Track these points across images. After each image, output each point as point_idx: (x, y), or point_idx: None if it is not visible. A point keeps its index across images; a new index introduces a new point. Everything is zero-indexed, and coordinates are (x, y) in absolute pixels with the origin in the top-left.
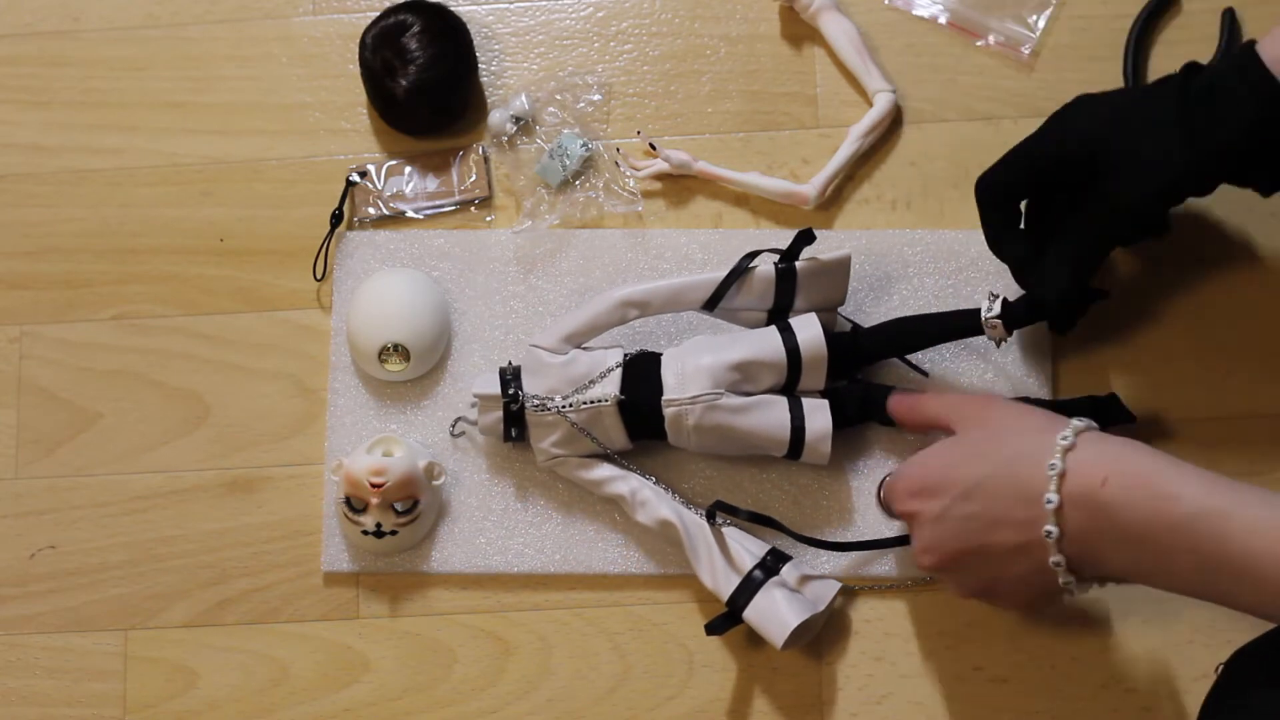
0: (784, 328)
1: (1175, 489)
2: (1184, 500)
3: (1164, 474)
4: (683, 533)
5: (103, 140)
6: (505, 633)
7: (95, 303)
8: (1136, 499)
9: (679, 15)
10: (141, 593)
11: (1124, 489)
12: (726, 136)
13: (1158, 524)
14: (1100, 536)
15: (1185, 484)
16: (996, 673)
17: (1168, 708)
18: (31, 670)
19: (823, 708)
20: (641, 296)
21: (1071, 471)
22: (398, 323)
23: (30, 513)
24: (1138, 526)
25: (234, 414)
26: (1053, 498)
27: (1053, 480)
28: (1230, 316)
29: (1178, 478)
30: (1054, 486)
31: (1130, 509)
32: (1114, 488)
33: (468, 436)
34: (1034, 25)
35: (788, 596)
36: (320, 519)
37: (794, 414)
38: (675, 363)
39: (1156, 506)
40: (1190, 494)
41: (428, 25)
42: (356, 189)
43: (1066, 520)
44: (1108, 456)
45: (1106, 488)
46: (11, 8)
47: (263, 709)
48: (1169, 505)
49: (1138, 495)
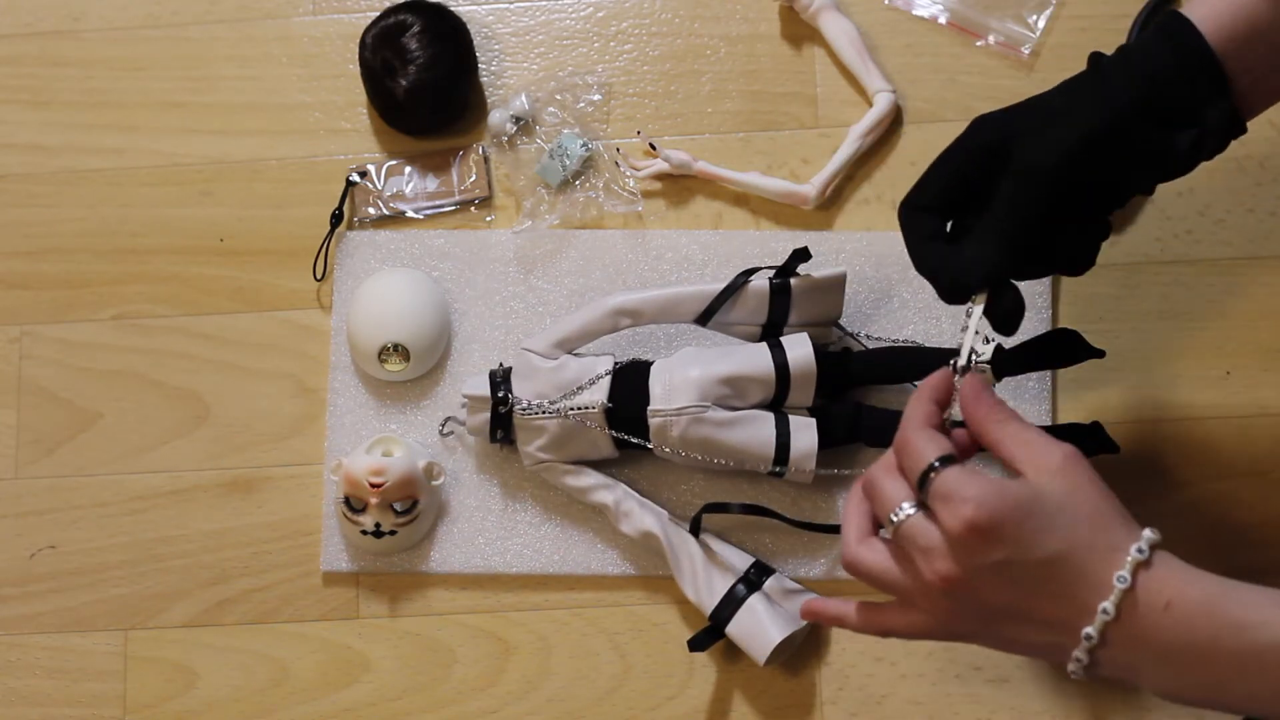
0: (775, 344)
1: (1242, 616)
2: (1250, 629)
3: (1230, 601)
4: (665, 545)
5: (103, 140)
6: (505, 633)
7: (95, 303)
8: (1197, 624)
9: (679, 15)
10: (141, 593)
11: (1185, 613)
12: (726, 136)
13: (1218, 652)
14: (1144, 654)
15: (1253, 611)
16: (996, 673)
17: (1168, 708)
18: (31, 670)
19: (823, 708)
20: (635, 306)
21: (1139, 589)
22: (398, 323)
23: (30, 513)
24: (1193, 652)
25: (234, 414)
26: (1110, 609)
27: (1116, 593)
28: (1231, 316)
29: (1245, 605)
30: (1114, 600)
31: (1189, 634)
32: (1175, 612)
33: (457, 436)
34: (1034, 25)
35: (771, 612)
36: (320, 519)
37: (780, 431)
38: (664, 373)
39: (1218, 635)
40: (1258, 621)
41: (428, 25)
42: (356, 189)
43: (1111, 633)
44: (1176, 580)
45: (1168, 612)
46: (11, 8)
47: (263, 709)
48: (1232, 635)
49: (1199, 621)
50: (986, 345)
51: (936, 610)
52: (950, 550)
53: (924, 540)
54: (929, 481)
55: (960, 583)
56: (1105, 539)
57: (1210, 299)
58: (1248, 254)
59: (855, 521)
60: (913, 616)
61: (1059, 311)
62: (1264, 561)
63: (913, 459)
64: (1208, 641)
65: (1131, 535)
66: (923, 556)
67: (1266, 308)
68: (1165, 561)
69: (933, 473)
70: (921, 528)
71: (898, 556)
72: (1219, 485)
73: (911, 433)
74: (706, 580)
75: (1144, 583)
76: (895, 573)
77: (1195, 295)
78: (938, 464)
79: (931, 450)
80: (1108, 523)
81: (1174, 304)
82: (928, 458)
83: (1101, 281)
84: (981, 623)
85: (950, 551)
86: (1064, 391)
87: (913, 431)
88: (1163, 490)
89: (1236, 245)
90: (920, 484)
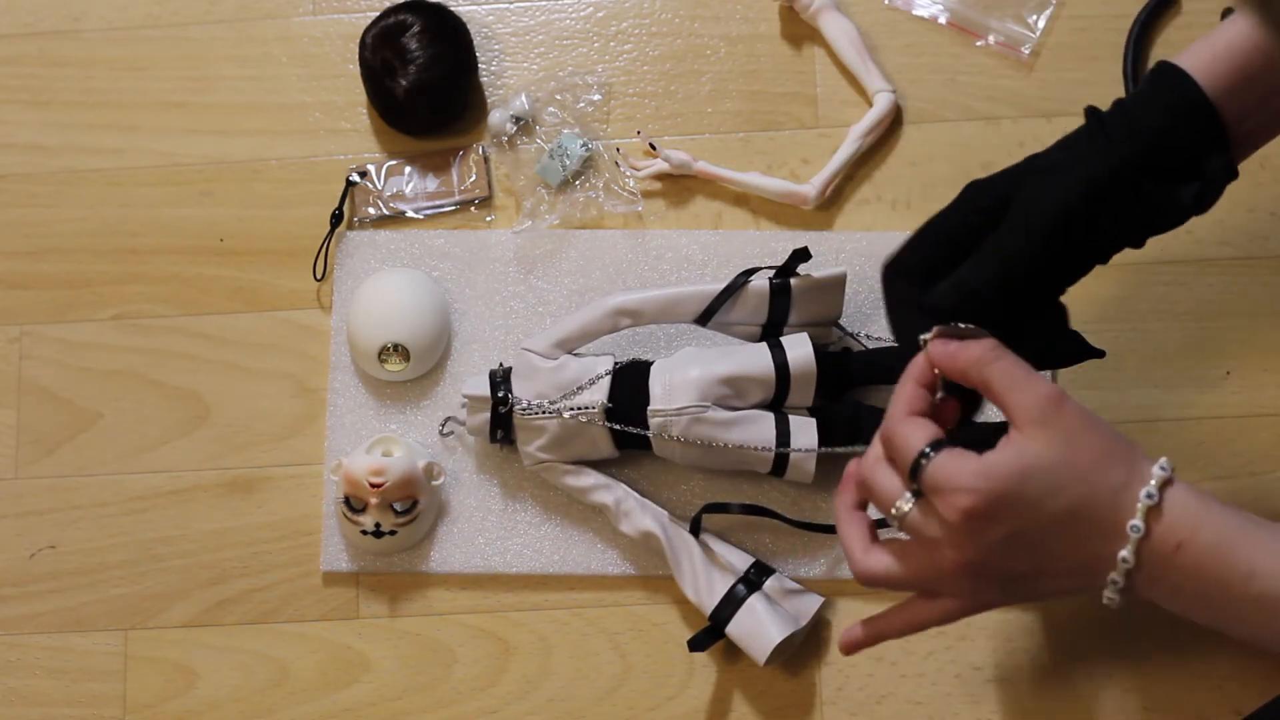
0: (775, 344)
1: (1248, 564)
2: (1257, 578)
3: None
4: (665, 545)
5: (103, 140)
6: (505, 633)
7: (95, 303)
8: (1207, 568)
9: (679, 15)
10: (141, 593)
11: (1195, 557)
12: (726, 136)
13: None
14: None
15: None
16: (996, 673)
17: (1168, 708)
18: (31, 670)
19: (823, 708)
20: (635, 306)
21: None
22: (398, 323)
23: (30, 513)
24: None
25: (234, 414)
26: (1129, 558)
27: (1132, 542)
28: (1231, 316)
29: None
30: (1132, 549)
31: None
32: (1185, 554)
33: (457, 436)
34: (1034, 25)
35: (770, 612)
36: (320, 519)
37: (780, 431)
38: (664, 373)
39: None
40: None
41: (428, 25)
42: (356, 189)
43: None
44: (1187, 521)
45: (1179, 553)
46: (11, 8)
47: (263, 709)
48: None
49: (1209, 565)
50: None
51: (961, 592)
52: (956, 538)
53: (930, 530)
54: (921, 470)
55: (975, 564)
56: (1108, 480)
57: (1210, 299)
58: (1248, 254)
59: (855, 531)
60: (942, 604)
61: None
62: None
63: (901, 451)
64: (1216, 586)
65: (1138, 469)
66: (934, 546)
67: (1266, 308)
68: (1175, 499)
69: (924, 460)
70: (923, 520)
71: (908, 553)
72: (1219, 485)
73: (896, 424)
74: (706, 580)
75: (1156, 527)
76: (911, 570)
77: (1195, 295)
78: (929, 451)
79: (918, 438)
80: (1109, 463)
81: (1174, 304)
82: (915, 447)
83: (1101, 281)
84: (1006, 590)
85: (956, 539)
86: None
87: (897, 423)
88: None
89: (1236, 245)
90: (912, 474)
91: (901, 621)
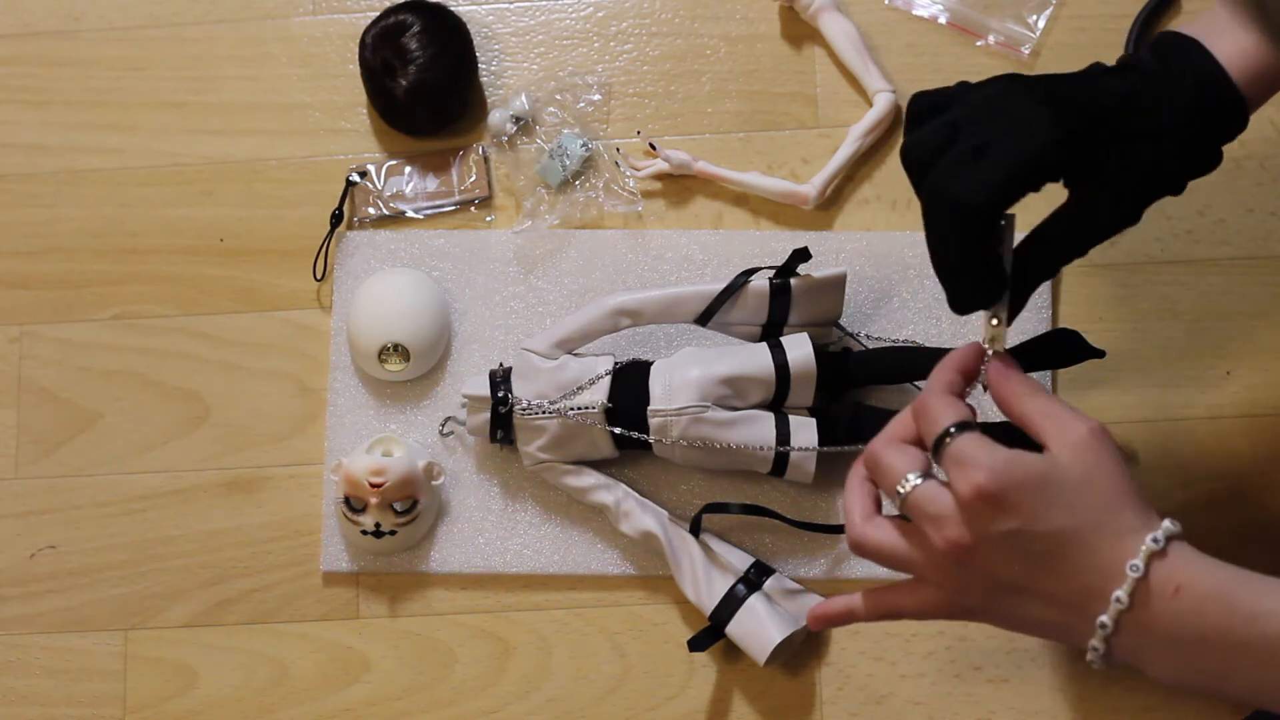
0: (775, 344)
1: (1254, 606)
2: (1262, 619)
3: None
4: (665, 545)
5: (103, 140)
6: (505, 633)
7: (95, 303)
8: (1208, 612)
9: (679, 15)
10: (141, 593)
11: (1196, 601)
12: (726, 136)
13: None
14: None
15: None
16: (996, 673)
17: (1168, 708)
18: (31, 670)
19: (823, 707)
20: (635, 306)
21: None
22: (398, 323)
23: (30, 513)
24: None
25: (234, 414)
26: (1123, 598)
27: (1129, 581)
28: (1231, 316)
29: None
30: (1127, 589)
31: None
32: (1185, 598)
33: (457, 436)
34: (1034, 25)
35: (771, 612)
36: (320, 519)
37: (780, 431)
38: (664, 374)
39: (1229, 624)
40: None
41: (428, 25)
42: (356, 189)
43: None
44: (1187, 568)
45: (1176, 597)
46: (11, 8)
47: (263, 709)
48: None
49: (1210, 609)
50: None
51: (946, 583)
52: (960, 516)
53: (934, 507)
54: (944, 445)
55: (970, 550)
56: (1118, 521)
57: (1210, 299)
58: (1248, 254)
59: (859, 501)
60: (922, 594)
61: (1059, 311)
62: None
63: (930, 422)
64: (1218, 630)
65: (1147, 522)
66: (932, 524)
67: (1266, 308)
68: (1179, 550)
69: (948, 438)
70: (931, 494)
71: (905, 531)
72: (1219, 485)
73: (933, 397)
74: (706, 580)
75: (1156, 570)
76: (903, 547)
77: (1195, 295)
78: (954, 429)
79: (950, 415)
80: (1122, 505)
81: (1174, 304)
82: (944, 422)
83: (1101, 281)
84: (990, 596)
85: (960, 518)
86: (1064, 391)
87: (934, 396)
88: (1163, 490)
89: (1236, 245)
90: (935, 447)
91: (876, 604)
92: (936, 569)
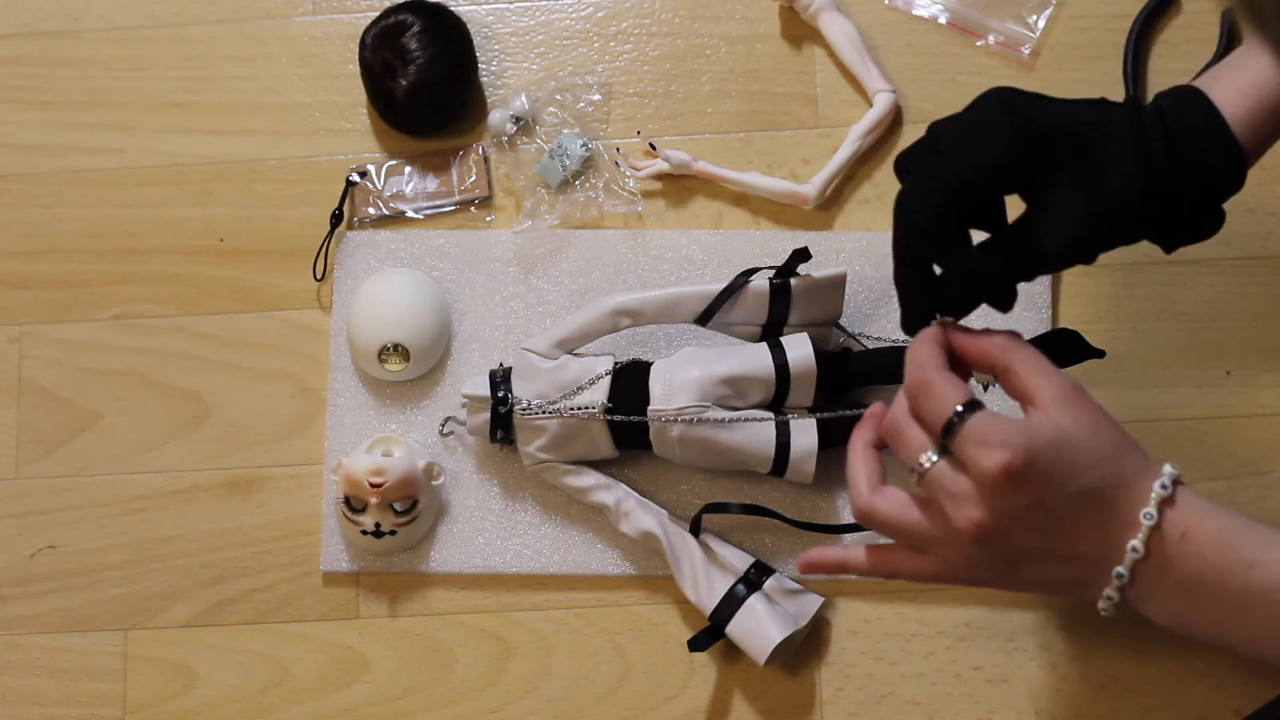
0: (775, 344)
1: (1252, 554)
2: (1259, 567)
3: (1243, 538)
4: (665, 545)
5: (103, 140)
6: (505, 633)
7: (95, 303)
8: (1209, 557)
9: (679, 15)
10: (141, 593)
11: (1199, 545)
12: (726, 136)
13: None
14: (1159, 586)
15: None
16: (996, 673)
17: (1168, 708)
18: (31, 670)
19: (823, 708)
20: (635, 306)
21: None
22: (398, 323)
23: (30, 513)
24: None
25: (234, 414)
26: (1139, 548)
27: (1143, 530)
28: (1231, 316)
29: (1257, 543)
30: (1143, 538)
31: (1201, 567)
32: (1190, 542)
33: (456, 436)
34: (1034, 25)
35: (771, 612)
36: (320, 519)
37: (780, 431)
38: (664, 374)
39: (1229, 569)
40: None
41: (428, 25)
42: (356, 189)
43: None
44: (1193, 513)
45: (1183, 541)
46: (11, 8)
47: (263, 709)
48: (1242, 570)
49: (1211, 554)
50: None
51: (956, 557)
52: (982, 496)
53: (954, 487)
54: (955, 429)
55: (991, 529)
56: (1126, 468)
57: (1210, 299)
58: (1248, 254)
59: (865, 470)
60: (923, 561)
61: (1059, 311)
62: None
63: (935, 402)
64: (1217, 575)
65: (1150, 466)
66: (952, 503)
67: (1266, 308)
68: (1184, 495)
69: (958, 419)
70: (950, 475)
71: (920, 503)
72: (1219, 485)
73: (932, 374)
74: (706, 580)
75: (1166, 517)
76: (915, 519)
77: (1195, 295)
78: (963, 409)
79: (955, 395)
80: (1125, 451)
81: (1174, 304)
82: (952, 403)
83: (1101, 281)
84: (1003, 568)
85: (982, 497)
86: None
87: (933, 372)
88: None
89: (1236, 245)
90: (945, 430)
91: (874, 563)
92: (952, 545)
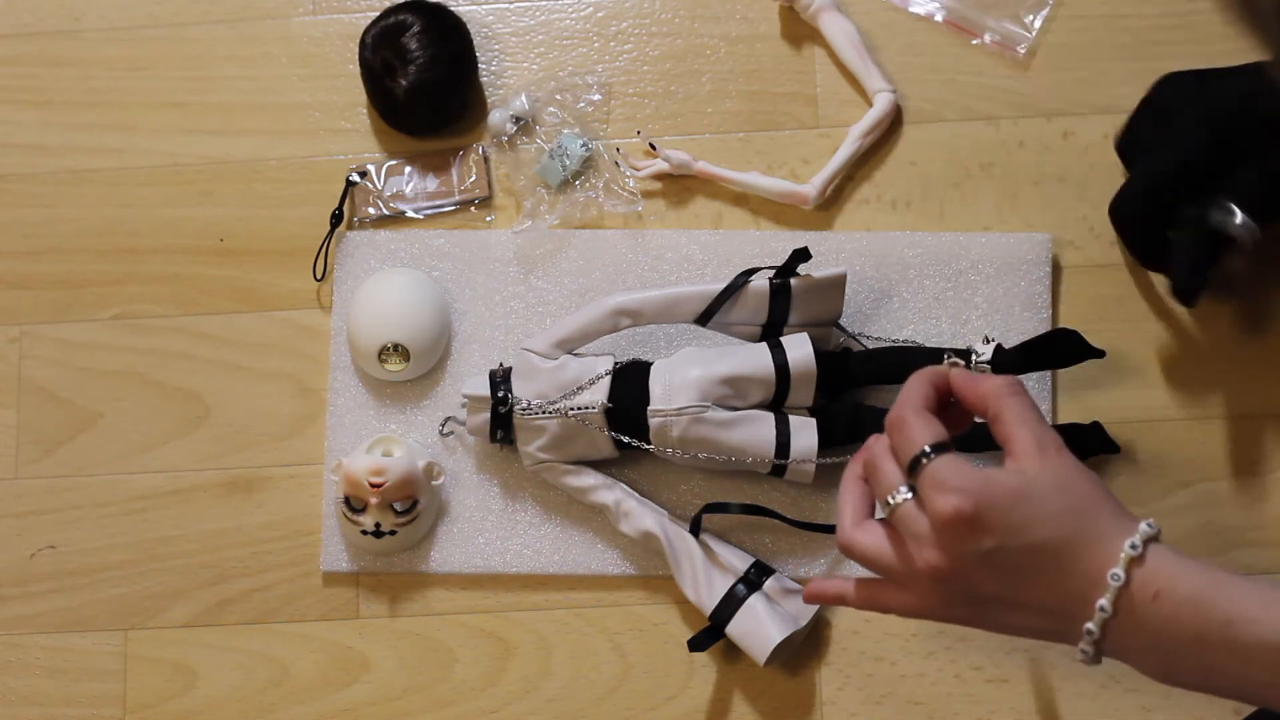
0: (775, 344)
1: (1229, 611)
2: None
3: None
4: (665, 545)
5: (103, 140)
6: (505, 633)
7: (95, 303)
8: (1184, 618)
9: (679, 15)
10: (141, 593)
11: (1173, 606)
12: (726, 136)
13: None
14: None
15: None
16: (996, 673)
17: (1168, 708)
18: (31, 670)
19: (823, 708)
20: (635, 306)
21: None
22: (398, 323)
23: (30, 513)
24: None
25: (234, 414)
26: (1106, 606)
27: (1111, 590)
28: (1229, 316)
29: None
30: (1110, 597)
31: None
32: (1163, 604)
33: (457, 436)
34: (1030, 25)
35: (771, 612)
36: (320, 519)
37: (780, 431)
38: (664, 374)
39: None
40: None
41: (428, 25)
42: (356, 189)
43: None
44: (1166, 571)
45: (1155, 602)
46: (11, 8)
47: (263, 709)
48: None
49: (1186, 615)
50: (986, 345)
51: (928, 595)
52: (938, 540)
53: (915, 528)
54: (920, 468)
55: (948, 572)
56: (1095, 526)
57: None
58: None
59: (851, 503)
60: (906, 597)
61: (1059, 311)
62: (1264, 562)
63: (906, 441)
64: (1193, 635)
65: (1123, 524)
66: (914, 543)
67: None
68: (1158, 553)
69: (924, 459)
70: (913, 515)
71: (893, 540)
72: (1219, 485)
73: (909, 412)
74: (706, 580)
75: (1136, 576)
76: (889, 556)
77: None
78: (930, 450)
79: (926, 435)
80: (1097, 509)
81: (1173, 304)
82: (920, 443)
83: (1101, 281)
84: (974, 607)
85: (938, 541)
86: (1064, 391)
87: (910, 411)
88: (1163, 490)
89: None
90: (911, 468)
91: (865, 597)
92: (918, 583)
